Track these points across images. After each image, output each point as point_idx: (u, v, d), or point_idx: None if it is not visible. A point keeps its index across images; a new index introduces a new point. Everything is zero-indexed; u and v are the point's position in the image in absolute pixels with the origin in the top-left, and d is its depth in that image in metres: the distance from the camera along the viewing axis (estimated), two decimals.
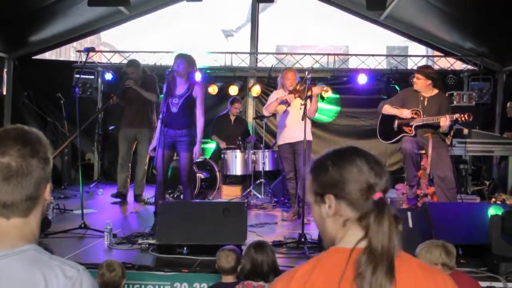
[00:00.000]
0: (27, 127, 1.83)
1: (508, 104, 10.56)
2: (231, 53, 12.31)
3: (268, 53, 13.00)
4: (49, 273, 1.67)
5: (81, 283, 1.70)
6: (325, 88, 7.72)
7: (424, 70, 7.57)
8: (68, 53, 20.34)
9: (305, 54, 12.68)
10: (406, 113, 7.50)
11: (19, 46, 11.48)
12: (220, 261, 4.55)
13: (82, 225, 6.73)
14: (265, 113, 8.26)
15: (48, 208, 7.08)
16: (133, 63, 9.28)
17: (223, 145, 10.16)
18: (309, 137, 7.63)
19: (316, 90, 7.53)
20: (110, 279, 4.27)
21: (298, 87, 7.76)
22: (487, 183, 10.18)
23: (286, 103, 7.77)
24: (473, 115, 7.31)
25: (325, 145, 12.28)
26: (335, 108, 12.29)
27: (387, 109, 7.72)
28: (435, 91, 7.58)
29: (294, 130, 7.62)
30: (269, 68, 12.05)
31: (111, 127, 11.46)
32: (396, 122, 7.65)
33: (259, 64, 12.62)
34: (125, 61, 12.19)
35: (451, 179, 7.35)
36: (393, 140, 7.74)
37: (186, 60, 6.98)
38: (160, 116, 6.75)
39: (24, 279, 1.66)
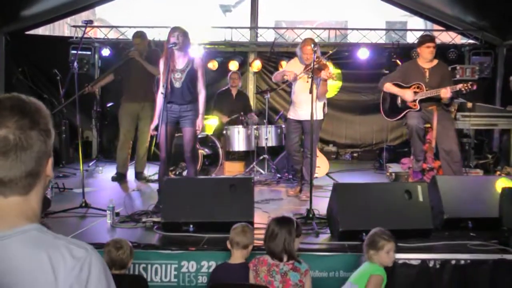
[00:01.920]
0: (24, 96, 1.65)
1: (511, 78, 10.48)
2: (231, 28, 12.16)
3: (268, 28, 12.88)
4: (55, 254, 1.53)
5: (90, 263, 1.56)
6: (334, 76, 7.47)
7: (433, 37, 7.48)
8: (62, 29, 20.07)
9: (306, 28, 12.49)
10: (408, 96, 7.39)
11: (11, 21, 11.21)
12: (235, 235, 4.48)
13: (83, 204, 6.57)
14: (273, 79, 8.12)
15: (49, 185, 6.97)
16: (139, 34, 9.04)
17: (224, 119, 10.04)
18: (320, 116, 7.44)
19: (324, 75, 7.23)
20: (117, 257, 4.15)
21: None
22: (490, 156, 10.12)
23: (287, 81, 7.64)
24: (476, 84, 7.23)
25: (328, 120, 12.20)
26: (337, 83, 12.20)
27: (389, 87, 7.61)
28: (435, 61, 7.50)
29: (302, 108, 7.39)
30: (270, 42, 11.92)
31: (109, 104, 11.31)
32: (400, 98, 7.54)
33: (260, 39, 12.47)
34: (122, 37, 12.05)
35: (456, 153, 7.27)
36: (398, 117, 7.63)
37: (183, 33, 6.83)
38: (162, 91, 6.58)
39: (27, 262, 1.52)
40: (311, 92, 6.43)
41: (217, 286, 4.31)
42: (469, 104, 9.22)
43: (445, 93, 7.04)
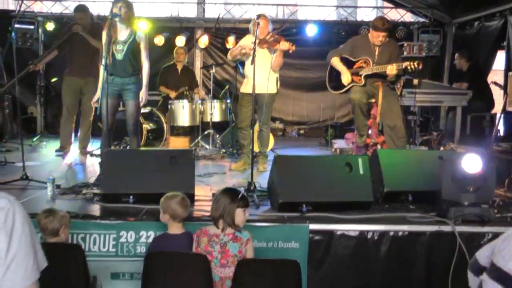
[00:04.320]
0: None
1: (456, 56, 10.60)
2: (178, 3, 12.02)
3: (216, 3, 12.75)
4: None
5: (14, 212, 1.56)
6: (293, 47, 7.47)
7: (388, 27, 7.37)
8: (6, 4, 19.53)
9: (254, 4, 12.42)
10: (345, 80, 7.46)
11: None
12: (176, 206, 4.45)
13: (24, 177, 6.44)
14: (229, 57, 8.15)
15: None
16: (81, 8, 8.84)
17: (172, 94, 9.93)
18: (273, 89, 7.69)
19: (284, 46, 7.31)
20: (44, 225, 4.16)
21: (268, 38, 7.56)
22: (435, 134, 10.25)
23: (246, 55, 7.70)
24: (422, 63, 7.27)
25: (275, 98, 12.19)
26: None
27: (335, 62, 7.64)
28: (386, 38, 7.49)
29: (257, 81, 7.30)
30: (217, 18, 11.82)
31: (53, 79, 11.09)
32: None
33: (207, 15, 12.37)
34: (66, 11, 11.80)
35: (400, 128, 7.33)
36: (342, 90, 7.65)
37: (126, 4, 6.71)
38: (103, 63, 6.45)
39: None
40: (252, 63, 6.40)
41: (154, 254, 4.29)
42: (415, 81, 9.27)
43: (391, 69, 7.06)
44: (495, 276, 1.77)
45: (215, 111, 9.28)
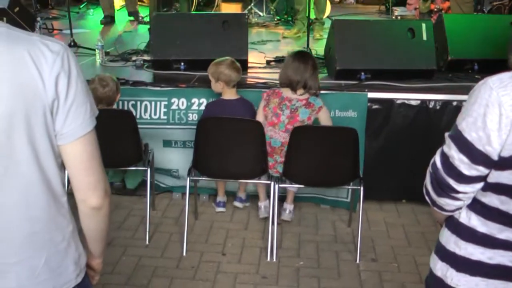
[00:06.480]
0: None
1: None
2: None
3: None
4: (32, 49, 1.50)
5: (68, 56, 1.55)
6: None
7: None
8: None
9: None
10: None
11: None
12: (229, 71, 4.35)
13: (72, 43, 6.28)
14: None
15: (37, 25, 6.65)
16: None
17: None
18: None
19: None
20: (103, 95, 4.14)
21: None
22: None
23: None
24: None
25: None
26: None
27: None
28: None
29: None
30: None
31: None
32: None
33: None
34: None
35: None
36: None
37: None
38: None
39: (6, 59, 1.47)
40: None
41: (208, 118, 4.19)
42: None
43: None
44: (451, 134, 1.67)
45: None
